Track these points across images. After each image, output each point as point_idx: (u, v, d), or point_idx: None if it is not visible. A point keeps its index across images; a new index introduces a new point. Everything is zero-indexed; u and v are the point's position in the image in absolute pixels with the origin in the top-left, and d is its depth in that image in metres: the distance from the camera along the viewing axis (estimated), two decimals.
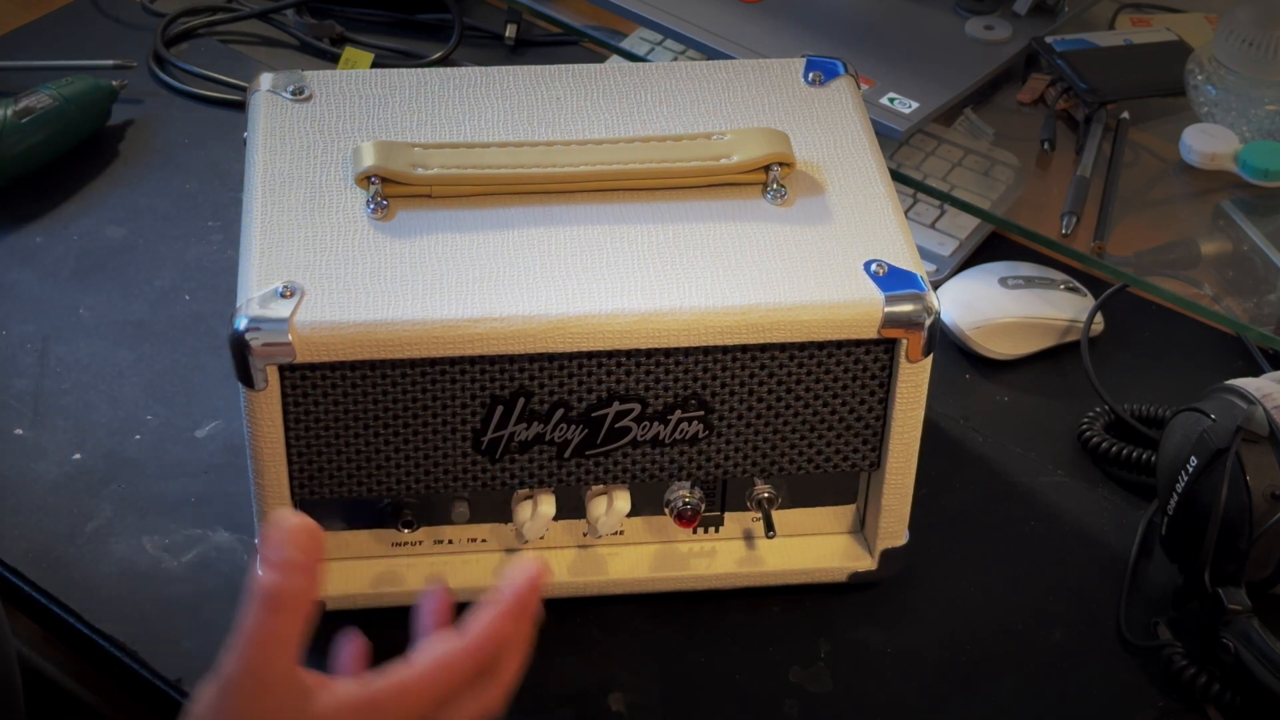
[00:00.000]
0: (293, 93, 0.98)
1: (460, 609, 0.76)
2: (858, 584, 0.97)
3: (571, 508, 0.94)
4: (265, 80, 0.99)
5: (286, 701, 0.70)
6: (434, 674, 0.73)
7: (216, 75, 1.37)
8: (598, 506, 0.93)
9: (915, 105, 1.20)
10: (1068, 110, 1.27)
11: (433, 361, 0.86)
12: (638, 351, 0.87)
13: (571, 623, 0.96)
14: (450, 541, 0.95)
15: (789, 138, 0.94)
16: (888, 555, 0.96)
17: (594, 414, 0.89)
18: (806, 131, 0.97)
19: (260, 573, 0.70)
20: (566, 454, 0.90)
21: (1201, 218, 1.20)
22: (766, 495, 0.94)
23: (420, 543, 0.95)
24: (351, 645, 0.78)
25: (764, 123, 0.98)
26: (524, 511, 0.92)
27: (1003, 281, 1.15)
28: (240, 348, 0.84)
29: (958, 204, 1.21)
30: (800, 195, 0.93)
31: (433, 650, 0.74)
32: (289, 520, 0.71)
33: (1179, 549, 0.97)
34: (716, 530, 0.97)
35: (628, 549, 0.96)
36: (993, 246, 1.22)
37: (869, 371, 0.89)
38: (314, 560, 0.71)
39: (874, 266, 0.88)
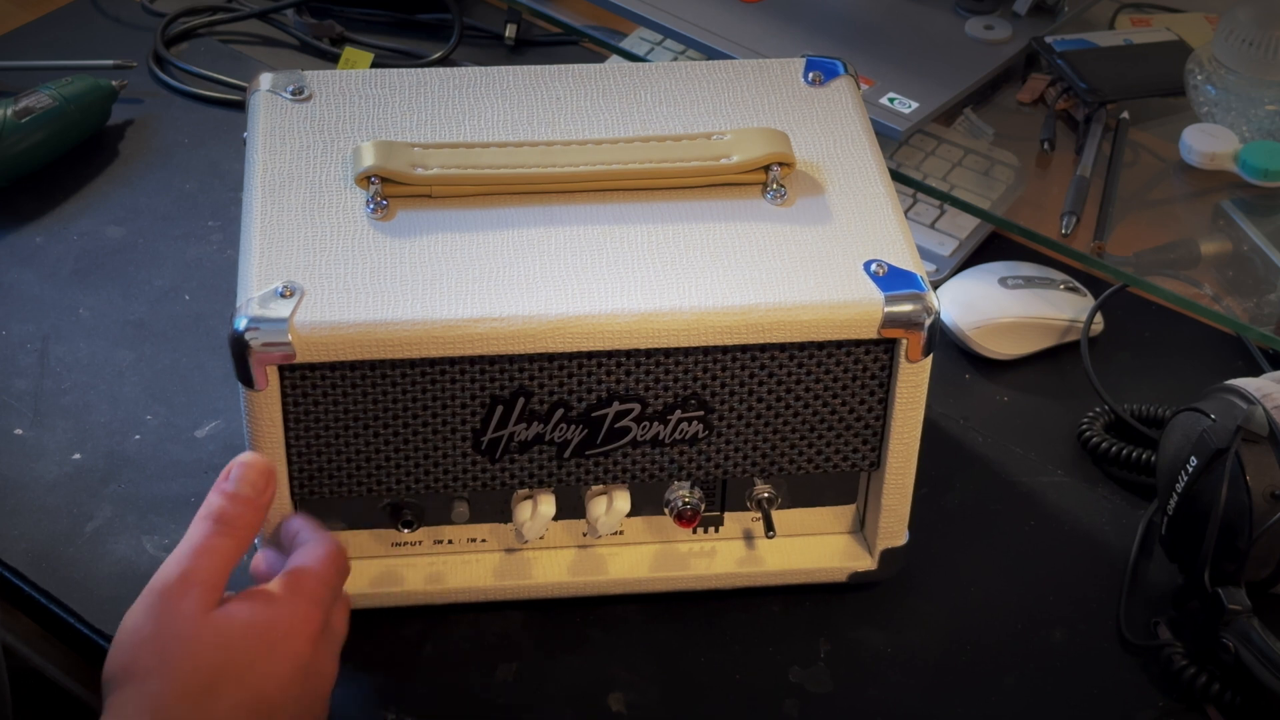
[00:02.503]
0: (293, 93, 0.98)
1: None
2: (858, 584, 0.97)
3: (571, 508, 0.94)
4: (265, 80, 0.99)
5: (207, 604, 0.78)
6: (320, 564, 0.83)
7: (216, 75, 1.37)
8: (598, 506, 0.93)
9: (915, 105, 1.20)
10: (1068, 110, 1.27)
11: (433, 361, 0.86)
12: (638, 351, 0.87)
13: (571, 623, 0.96)
14: (450, 541, 0.95)
15: (789, 138, 0.94)
16: (888, 555, 0.96)
17: (594, 414, 0.89)
18: (806, 131, 0.97)
19: (212, 497, 0.82)
20: (566, 454, 0.90)
21: (1201, 218, 1.20)
22: (766, 495, 0.94)
23: (420, 543, 0.95)
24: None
25: (764, 123, 0.98)
26: (524, 511, 0.92)
27: (1003, 281, 1.16)
28: (240, 348, 0.84)
29: (958, 204, 1.21)
30: (800, 195, 0.93)
31: (305, 551, 0.84)
32: (247, 459, 0.83)
33: (1179, 549, 0.97)
34: (716, 530, 0.97)
35: (628, 549, 0.96)
36: (993, 246, 1.22)
37: (869, 371, 0.89)
38: (262, 498, 0.83)
39: (874, 266, 0.88)
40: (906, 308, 0.87)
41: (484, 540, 0.95)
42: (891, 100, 1.20)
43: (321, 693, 0.82)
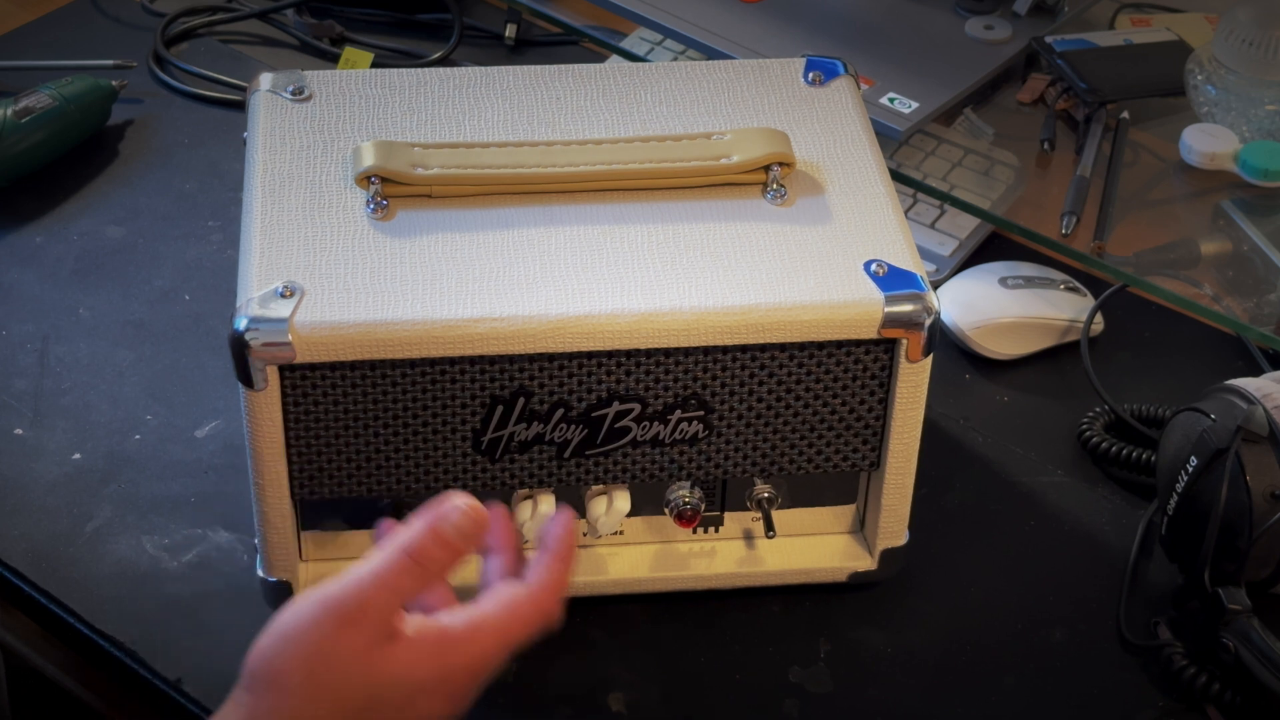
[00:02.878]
0: (293, 93, 0.98)
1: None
2: (858, 584, 0.97)
3: (571, 508, 0.94)
4: (265, 80, 0.99)
5: (374, 641, 0.75)
6: (506, 621, 0.78)
7: (216, 75, 1.37)
8: (598, 506, 0.93)
9: (915, 105, 1.20)
10: (1068, 110, 1.27)
11: (433, 361, 0.86)
12: (638, 351, 0.87)
13: (571, 623, 0.96)
14: None
15: (789, 137, 0.94)
16: (888, 555, 0.96)
17: (594, 414, 0.89)
18: (806, 131, 0.97)
19: (411, 528, 0.77)
20: (566, 454, 0.90)
21: (1201, 218, 1.20)
22: (766, 495, 0.94)
23: None
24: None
25: (764, 123, 0.98)
26: (524, 511, 0.92)
27: (1003, 281, 1.16)
28: (240, 348, 0.84)
29: (958, 204, 1.21)
30: (800, 195, 0.93)
31: (505, 596, 0.78)
32: (465, 505, 0.78)
33: (1179, 549, 0.97)
34: (716, 530, 0.97)
35: (628, 549, 0.96)
36: (993, 246, 1.22)
37: (869, 371, 0.89)
38: (467, 547, 0.77)
39: (874, 266, 0.88)
40: (906, 308, 0.87)
41: None
42: (891, 100, 1.20)
43: None
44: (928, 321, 0.87)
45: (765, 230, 0.91)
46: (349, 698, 0.74)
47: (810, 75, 1.02)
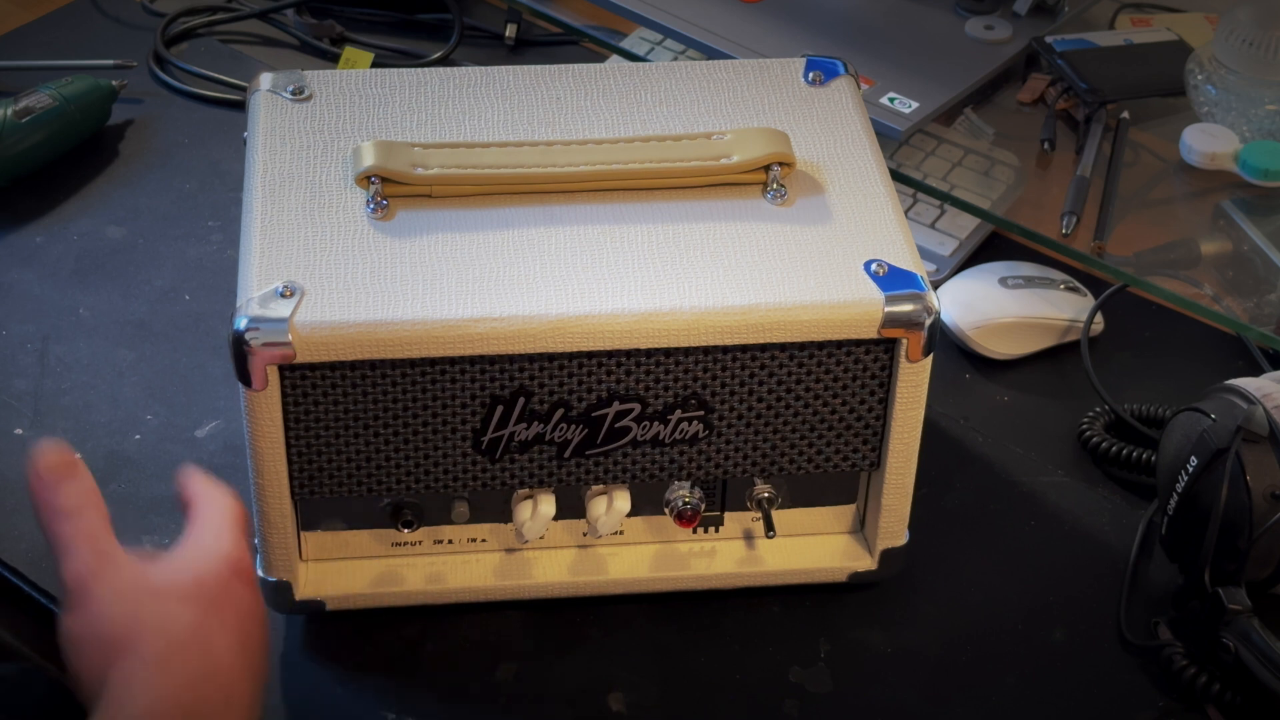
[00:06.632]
0: (293, 93, 0.98)
1: None
2: (858, 584, 0.97)
3: (571, 508, 0.94)
4: (265, 80, 0.99)
5: (133, 571, 0.76)
6: (199, 532, 0.80)
7: (216, 75, 1.37)
8: (598, 506, 0.93)
9: (915, 105, 1.20)
10: (1068, 110, 1.27)
11: (433, 361, 0.86)
12: (638, 351, 0.87)
13: (571, 623, 0.96)
14: (450, 541, 0.95)
15: (789, 137, 0.94)
16: (888, 555, 0.96)
17: (594, 414, 0.89)
18: (806, 131, 0.97)
19: (41, 494, 0.80)
20: (566, 454, 0.90)
21: (1201, 218, 1.20)
22: (766, 495, 0.94)
23: (420, 543, 0.95)
24: None
25: (764, 123, 0.98)
26: (524, 511, 0.92)
27: (1003, 281, 1.16)
28: (240, 347, 0.84)
29: (958, 204, 1.21)
30: (800, 195, 0.93)
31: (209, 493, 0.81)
32: (46, 458, 0.81)
33: (1179, 549, 0.97)
34: (716, 530, 0.97)
35: (628, 549, 0.96)
36: (993, 246, 1.22)
37: (869, 371, 0.89)
38: (72, 469, 0.80)
39: (874, 266, 0.88)
40: (907, 307, 0.87)
41: (484, 540, 0.95)
42: (891, 100, 1.20)
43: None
44: (928, 321, 0.87)
45: (765, 230, 0.91)
46: (110, 631, 0.74)
47: (810, 75, 1.02)
